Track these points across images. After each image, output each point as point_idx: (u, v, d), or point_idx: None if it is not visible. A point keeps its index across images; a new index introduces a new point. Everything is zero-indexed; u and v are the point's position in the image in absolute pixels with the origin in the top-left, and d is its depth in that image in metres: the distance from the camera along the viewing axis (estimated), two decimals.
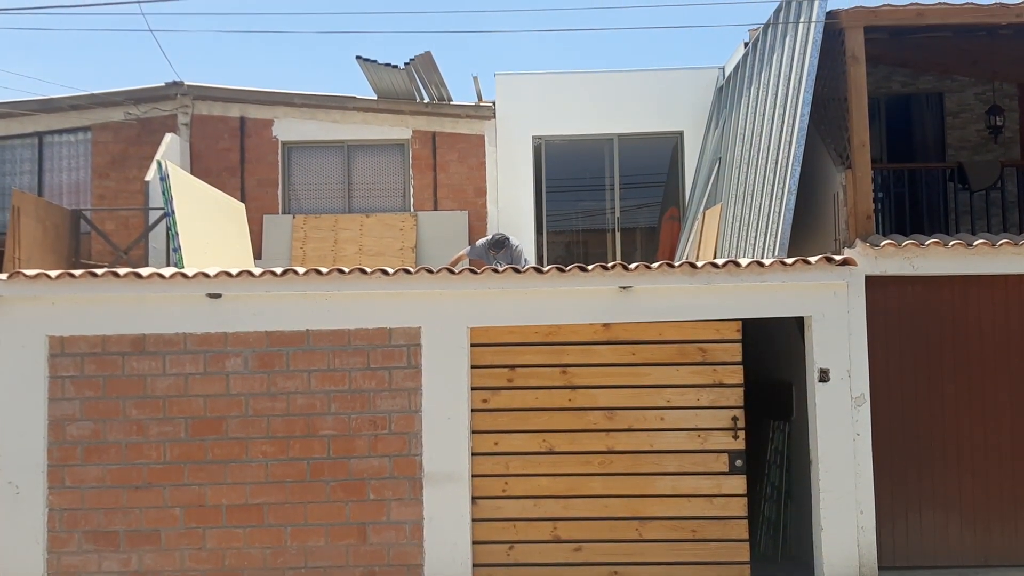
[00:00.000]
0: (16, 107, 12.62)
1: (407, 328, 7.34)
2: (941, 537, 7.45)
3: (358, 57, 11.70)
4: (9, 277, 7.22)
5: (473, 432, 7.34)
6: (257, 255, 12.06)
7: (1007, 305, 7.58)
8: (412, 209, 12.59)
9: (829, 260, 7.32)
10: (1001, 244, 7.47)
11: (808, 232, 8.87)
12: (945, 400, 7.53)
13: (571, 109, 12.68)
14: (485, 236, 11.48)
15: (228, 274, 7.21)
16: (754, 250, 8.78)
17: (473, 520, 7.26)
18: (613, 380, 7.40)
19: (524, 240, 11.40)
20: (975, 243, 7.48)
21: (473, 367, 7.38)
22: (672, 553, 7.28)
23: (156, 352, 7.29)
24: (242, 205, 11.53)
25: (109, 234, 11.58)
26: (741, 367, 7.41)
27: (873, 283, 7.48)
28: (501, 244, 9.66)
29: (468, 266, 9.21)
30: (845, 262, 7.34)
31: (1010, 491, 7.47)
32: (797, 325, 7.71)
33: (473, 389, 7.37)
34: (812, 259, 7.32)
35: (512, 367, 7.43)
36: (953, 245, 7.47)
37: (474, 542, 7.25)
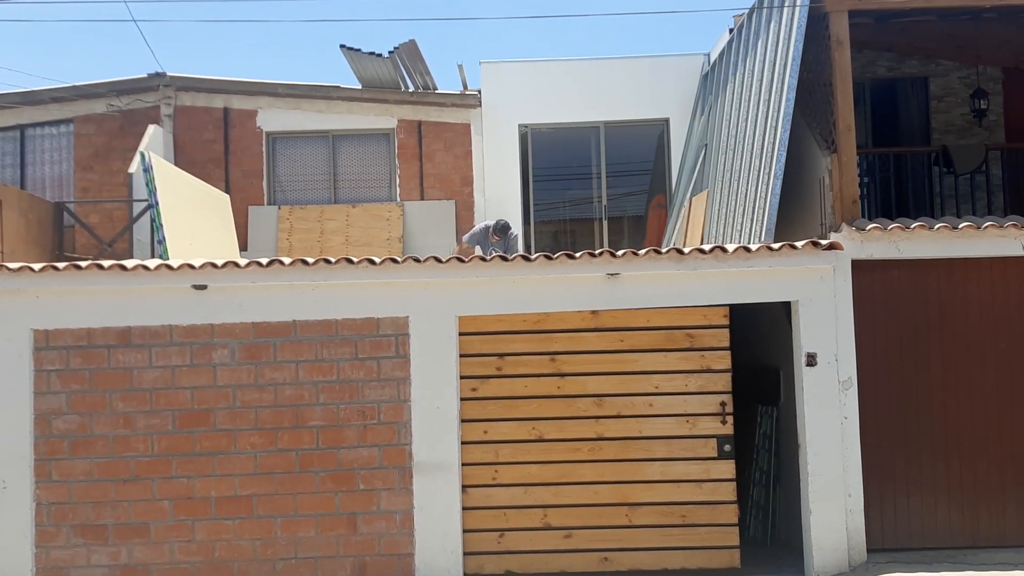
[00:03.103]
0: None
1: (395, 318, 7.31)
2: (929, 519, 7.49)
3: (342, 46, 11.66)
4: None
5: (462, 421, 7.33)
6: (243, 247, 12.01)
7: (992, 287, 7.62)
8: (399, 199, 12.55)
9: (815, 244, 7.33)
10: (986, 227, 7.50)
11: (794, 217, 8.89)
12: (932, 383, 7.57)
13: (557, 97, 12.66)
14: (472, 226, 11.46)
15: (214, 265, 7.17)
16: (741, 236, 8.79)
17: (463, 508, 7.25)
18: (602, 367, 7.41)
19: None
20: (960, 226, 7.51)
21: (462, 356, 7.37)
22: (662, 538, 7.30)
23: (142, 344, 7.24)
24: (227, 196, 11.47)
25: (93, 227, 11.51)
26: (729, 352, 7.42)
27: (859, 267, 7.50)
28: (506, 228, 9.67)
29: (475, 254, 9.19)
30: (831, 246, 7.36)
31: (997, 473, 7.52)
32: (784, 310, 7.73)
33: (462, 378, 7.36)
34: (798, 244, 7.33)
35: (501, 355, 7.42)
36: (938, 228, 7.49)
37: (464, 530, 7.24)
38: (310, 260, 7.22)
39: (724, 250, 7.27)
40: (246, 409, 7.23)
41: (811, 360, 7.35)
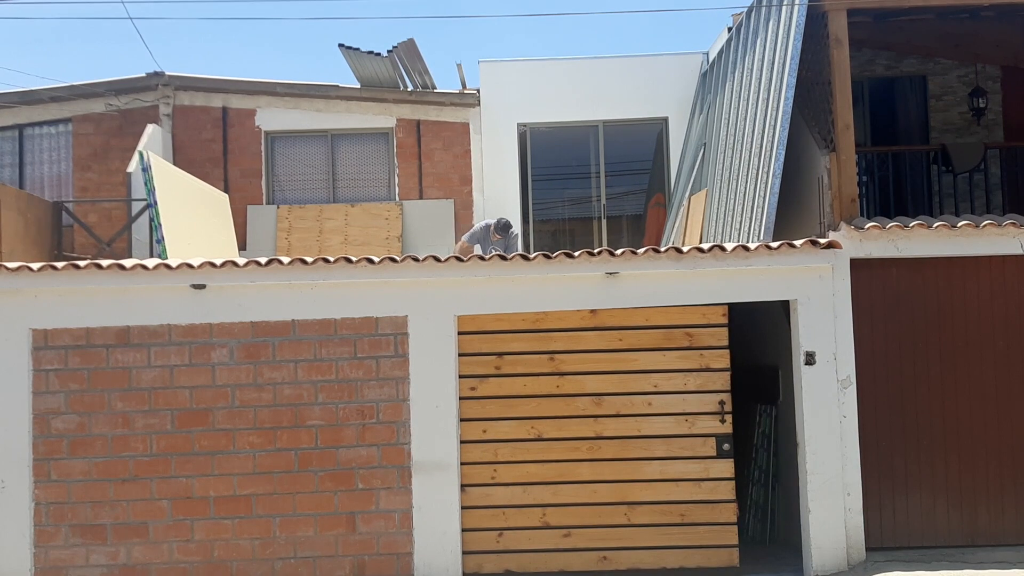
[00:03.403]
0: None
1: (394, 317, 7.31)
2: (928, 518, 7.50)
3: (340, 45, 11.66)
4: None
5: (461, 420, 7.33)
6: (242, 246, 12.01)
7: (991, 286, 7.62)
8: (397, 198, 12.55)
9: (814, 243, 7.34)
10: (984, 225, 7.49)
11: (793, 216, 8.89)
12: (931, 381, 7.57)
13: (555, 96, 12.66)
14: (471, 225, 11.45)
15: (212, 264, 7.17)
16: (740, 235, 8.80)
17: (462, 508, 7.25)
18: (601, 366, 7.40)
19: None
20: (959, 225, 7.51)
21: (461, 355, 7.37)
22: (661, 537, 7.30)
23: (141, 344, 7.24)
24: (226, 196, 11.47)
25: (92, 226, 11.50)
26: (728, 351, 7.42)
27: (858, 266, 7.50)
28: (508, 227, 9.67)
29: (475, 253, 9.18)
30: (830, 245, 7.36)
31: (996, 472, 7.52)
32: (783, 309, 7.73)
33: (461, 377, 7.36)
34: (797, 242, 7.33)
35: (500, 355, 7.42)
36: (937, 227, 7.49)
37: (463, 529, 7.24)
38: (309, 259, 7.21)
39: (723, 249, 7.27)
40: (245, 408, 7.23)
41: (810, 359, 7.35)
